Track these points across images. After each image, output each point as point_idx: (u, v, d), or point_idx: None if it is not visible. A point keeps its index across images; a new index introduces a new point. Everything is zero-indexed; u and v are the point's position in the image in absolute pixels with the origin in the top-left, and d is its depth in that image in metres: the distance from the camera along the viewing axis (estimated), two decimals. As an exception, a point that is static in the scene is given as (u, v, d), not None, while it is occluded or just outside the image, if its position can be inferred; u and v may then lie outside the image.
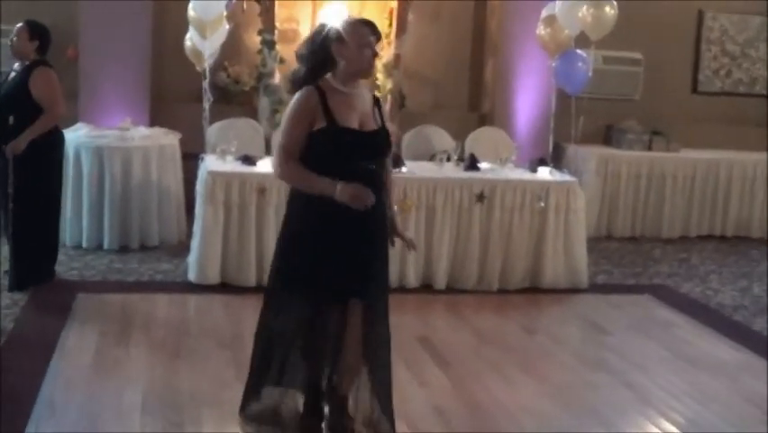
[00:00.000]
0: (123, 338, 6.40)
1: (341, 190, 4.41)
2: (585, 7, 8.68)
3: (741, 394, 6.05)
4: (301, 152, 4.55)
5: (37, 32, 7.41)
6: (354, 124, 4.56)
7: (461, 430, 5.22)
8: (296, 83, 4.66)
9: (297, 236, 4.65)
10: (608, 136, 11.51)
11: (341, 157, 4.52)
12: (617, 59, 11.43)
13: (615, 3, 8.83)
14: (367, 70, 4.65)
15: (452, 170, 8.39)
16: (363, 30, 4.55)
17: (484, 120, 11.03)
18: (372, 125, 4.66)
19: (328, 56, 4.56)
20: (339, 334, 4.74)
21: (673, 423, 5.49)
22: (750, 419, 5.65)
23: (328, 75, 4.60)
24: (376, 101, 4.80)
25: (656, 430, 5.41)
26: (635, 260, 9.79)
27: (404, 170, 8.08)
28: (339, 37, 4.54)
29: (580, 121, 9.32)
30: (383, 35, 10.16)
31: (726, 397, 6.00)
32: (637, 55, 11.61)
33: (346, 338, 4.73)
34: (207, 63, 8.69)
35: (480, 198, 8.03)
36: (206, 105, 8.68)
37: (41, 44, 7.40)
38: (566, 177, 8.56)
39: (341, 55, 4.55)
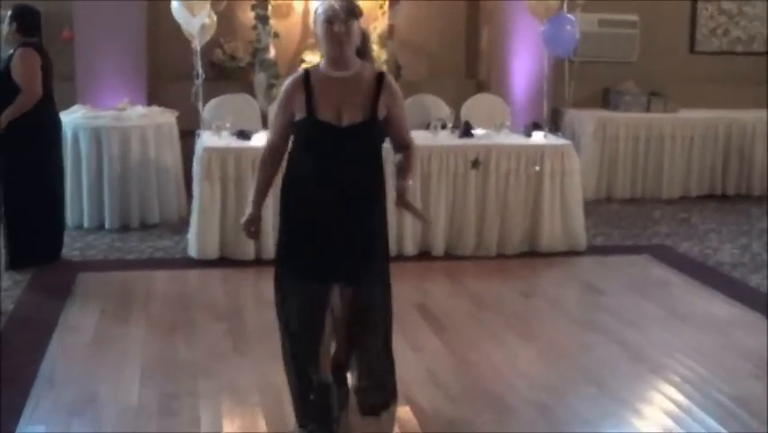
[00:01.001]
0: (122, 314, 6.51)
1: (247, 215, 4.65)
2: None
3: (733, 349, 6.09)
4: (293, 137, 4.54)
5: (15, 13, 7.49)
6: (331, 117, 4.39)
7: (453, 392, 5.29)
8: None
9: (282, 216, 4.63)
10: (605, 99, 11.53)
11: (313, 149, 4.46)
12: (612, 22, 11.47)
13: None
14: (330, 50, 4.38)
15: (446, 138, 8.43)
16: (328, 4, 4.35)
17: (481, 87, 11.06)
18: (357, 116, 4.40)
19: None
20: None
21: (664, 379, 5.55)
22: (740, 372, 5.69)
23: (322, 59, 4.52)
24: (378, 82, 4.46)
25: (647, 386, 5.48)
26: (634, 221, 9.84)
27: (399, 139, 8.11)
28: (314, 17, 4.44)
29: (571, 85, 9.36)
30: (377, 6, 10.30)
31: (719, 352, 6.05)
32: (633, 17, 11.60)
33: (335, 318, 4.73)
34: (198, 41, 8.72)
35: (475, 164, 8.07)
36: (196, 82, 8.69)
37: (19, 25, 7.46)
38: (560, 140, 8.61)
39: (315, 36, 4.49)
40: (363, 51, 4.53)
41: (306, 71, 4.50)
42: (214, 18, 9.00)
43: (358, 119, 4.39)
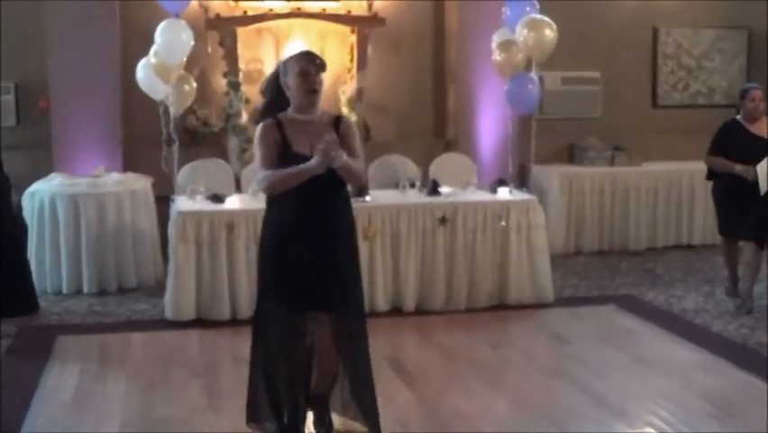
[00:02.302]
0: (101, 375, 6.68)
1: (314, 161, 4.87)
2: (525, 31, 9.01)
3: (693, 392, 6.30)
4: None
5: None
6: (305, 150, 4.96)
7: (422, 439, 5.49)
8: (257, 115, 5.34)
9: (263, 252, 5.19)
10: (571, 154, 11.81)
11: None
12: (575, 80, 11.79)
13: (554, 26, 9.17)
14: (304, 97, 5.05)
15: (414, 196, 8.67)
16: (300, 60, 5.06)
17: (449, 146, 11.31)
18: None
19: (280, 89, 5.12)
20: (312, 343, 5.29)
21: (626, 423, 5.77)
22: (700, 414, 5.89)
23: (289, 108, 5.11)
24: (336, 122, 5.18)
25: (609, 430, 5.67)
26: (601, 273, 10.07)
27: (368, 198, 8.35)
28: (284, 70, 5.11)
29: (537, 142, 9.62)
30: (346, 70, 10.60)
31: (680, 395, 6.24)
32: (595, 74, 11.92)
33: (319, 347, 5.29)
34: (175, 108, 8.95)
35: (443, 221, 8.30)
36: (166, 148, 8.92)
37: None
38: (525, 195, 8.85)
39: (286, 86, 5.10)
40: None
41: (276, 117, 5.09)
42: (194, 85, 9.25)
43: None
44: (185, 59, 8.75)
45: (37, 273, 8.93)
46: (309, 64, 5.03)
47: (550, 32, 9.09)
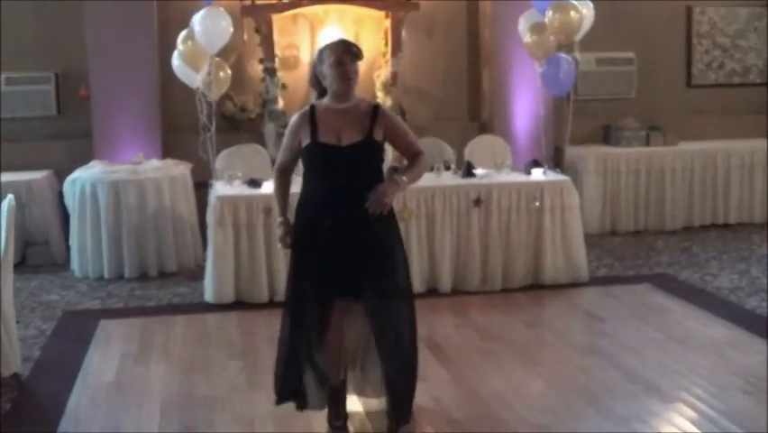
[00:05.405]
0: (142, 356, 6.83)
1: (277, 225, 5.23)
2: (551, 13, 9.00)
3: (726, 367, 6.35)
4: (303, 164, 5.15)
5: None
6: (332, 139, 4.98)
7: (457, 416, 5.58)
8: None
9: (294, 240, 5.19)
10: (606, 135, 11.84)
11: (318, 169, 5.03)
12: (610, 60, 11.84)
13: (580, 6, 9.08)
14: (340, 86, 5.01)
15: (449, 178, 8.76)
16: (336, 49, 5.01)
17: (484, 128, 11.35)
18: (356, 137, 4.98)
19: (317, 77, 5.14)
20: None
21: (659, 398, 5.82)
22: (732, 389, 5.94)
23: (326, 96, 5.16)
24: (375, 111, 5.08)
25: (641, 405, 5.73)
26: (637, 252, 10.11)
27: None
28: (319, 59, 5.10)
29: (572, 123, 9.64)
30: (381, 54, 10.65)
31: (713, 372, 6.30)
32: (630, 54, 11.96)
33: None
34: (214, 94, 9.02)
35: (477, 202, 8.38)
36: (202, 135, 8.99)
37: None
38: (559, 176, 8.90)
39: (321, 75, 5.09)
40: None
41: (312, 106, 5.13)
42: (229, 72, 9.33)
43: (357, 139, 4.99)
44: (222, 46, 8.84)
45: (79, 259, 9.16)
46: (344, 54, 4.98)
47: (575, 14, 8.97)
